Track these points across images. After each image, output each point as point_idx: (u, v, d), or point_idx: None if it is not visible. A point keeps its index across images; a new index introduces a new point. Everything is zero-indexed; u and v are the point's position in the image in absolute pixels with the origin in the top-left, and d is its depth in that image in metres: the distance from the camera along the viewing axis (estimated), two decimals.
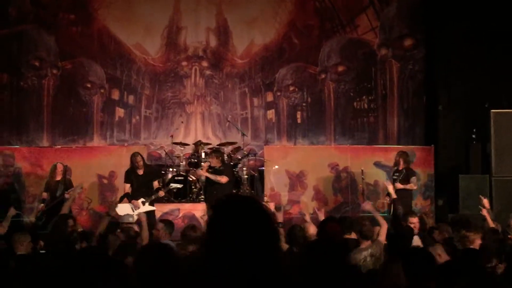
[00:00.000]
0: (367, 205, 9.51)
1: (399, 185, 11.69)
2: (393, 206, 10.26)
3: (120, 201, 12.06)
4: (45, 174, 12.76)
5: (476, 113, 13.75)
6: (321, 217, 8.91)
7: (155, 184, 11.98)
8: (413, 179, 12.04)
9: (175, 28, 15.67)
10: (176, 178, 13.28)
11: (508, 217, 9.65)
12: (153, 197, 11.59)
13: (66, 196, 11.48)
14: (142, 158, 12.05)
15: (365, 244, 7.27)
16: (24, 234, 7.30)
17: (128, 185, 11.91)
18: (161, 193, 11.82)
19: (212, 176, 11.57)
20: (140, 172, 11.89)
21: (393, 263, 5.08)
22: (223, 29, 15.73)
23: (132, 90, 15.53)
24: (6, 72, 15.07)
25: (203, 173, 11.89)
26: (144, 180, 11.89)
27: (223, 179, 11.69)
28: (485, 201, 9.70)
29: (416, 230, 8.29)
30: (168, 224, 8.93)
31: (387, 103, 15.57)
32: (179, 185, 12.44)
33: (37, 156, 13.58)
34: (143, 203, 11.41)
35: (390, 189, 10.68)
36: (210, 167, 12.18)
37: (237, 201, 2.03)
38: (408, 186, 11.95)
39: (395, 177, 12.12)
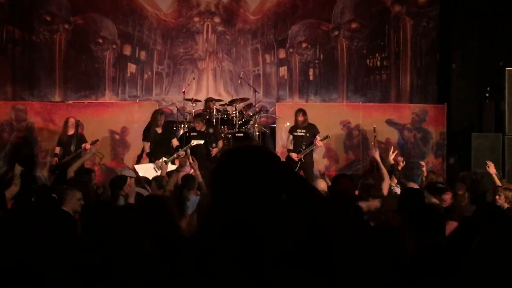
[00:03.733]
0: (376, 154, 9.53)
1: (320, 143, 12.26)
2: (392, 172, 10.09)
3: (138, 161, 12.09)
4: (57, 129, 12.85)
5: (490, 71, 13.63)
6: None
7: (174, 142, 12.00)
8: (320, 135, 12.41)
9: None
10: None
11: None
12: (175, 156, 11.59)
13: (87, 147, 11.52)
14: (165, 116, 12.07)
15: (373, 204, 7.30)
16: (75, 190, 6.94)
17: (148, 144, 11.92)
18: (182, 153, 11.74)
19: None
20: (159, 130, 11.90)
21: (403, 219, 5.08)
22: None
23: (144, 46, 15.48)
24: (18, 27, 15.02)
25: None
26: (163, 138, 11.90)
27: (215, 150, 12.17)
28: (491, 167, 9.68)
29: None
30: None
31: (400, 61, 15.46)
32: (201, 141, 12.36)
33: (49, 111, 13.62)
34: (166, 162, 11.35)
35: (390, 156, 10.46)
36: (195, 130, 12.25)
37: (243, 151, 1.99)
38: (319, 144, 12.33)
39: (301, 134, 12.28)
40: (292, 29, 15.58)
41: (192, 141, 11.98)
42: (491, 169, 9.57)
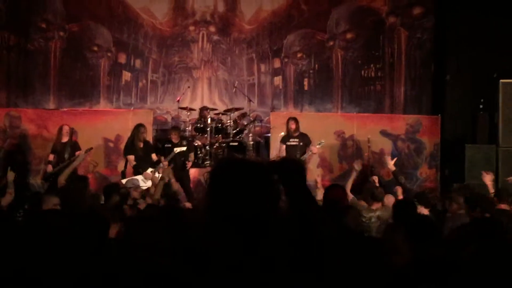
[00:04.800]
0: (357, 164, 9.58)
1: (315, 149, 12.40)
2: (395, 178, 10.10)
3: (123, 176, 12.06)
4: (51, 137, 12.80)
5: (484, 83, 13.66)
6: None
7: (153, 156, 12.02)
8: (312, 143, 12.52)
9: None
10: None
11: None
12: (160, 165, 11.59)
13: (78, 154, 11.47)
14: (146, 130, 12.14)
15: (375, 206, 7.33)
16: (51, 196, 7.04)
17: (132, 157, 11.92)
18: (165, 163, 11.75)
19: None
20: (140, 144, 11.92)
21: (396, 230, 5.08)
22: None
23: (139, 54, 15.48)
24: (13, 34, 15.00)
25: None
26: (144, 152, 11.93)
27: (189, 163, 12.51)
28: (487, 178, 9.64)
29: None
30: None
31: (395, 72, 15.50)
32: (183, 148, 12.34)
33: (43, 118, 13.58)
34: (153, 173, 11.38)
35: (390, 163, 10.34)
36: (170, 142, 12.35)
37: (236, 163, 2.01)
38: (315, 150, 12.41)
39: (295, 143, 12.32)
40: (287, 39, 15.61)
41: (175, 149, 11.99)
42: (487, 179, 9.57)
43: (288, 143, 12.50)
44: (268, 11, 15.59)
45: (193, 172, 13.00)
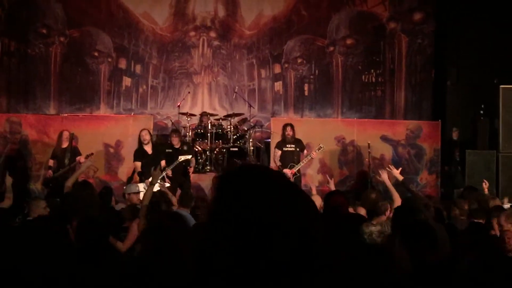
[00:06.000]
0: (384, 176, 9.36)
1: (315, 154, 12.19)
2: (405, 187, 9.93)
3: (128, 181, 12.02)
4: (51, 142, 12.79)
5: (485, 88, 13.67)
6: (332, 187, 8.95)
7: (163, 163, 11.94)
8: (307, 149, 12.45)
9: None
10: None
11: None
12: (163, 174, 11.52)
13: (81, 160, 11.41)
14: (149, 133, 12.03)
15: (377, 220, 7.26)
16: (39, 200, 7.16)
17: (139, 164, 11.86)
18: (169, 172, 11.67)
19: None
20: (149, 150, 11.85)
21: (396, 237, 5.07)
22: (231, 0, 15.65)
23: (139, 60, 15.49)
24: (14, 40, 15.03)
25: None
26: (152, 158, 11.85)
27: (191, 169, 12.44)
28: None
29: None
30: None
31: (395, 77, 15.52)
32: (188, 156, 12.27)
33: (43, 123, 13.57)
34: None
35: (396, 173, 10.18)
36: (171, 146, 12.23)
37: (246, 170, 1.98)
38: (314, 155, 12.25)
39: (291, 149, 12.25)
40: (287, 44, 15.62)
41: (180, 157, 11.90)
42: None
43: (285, 149, 12.42)
44: (269, 16, 15.61)
45: (192, 178, 12.97)
